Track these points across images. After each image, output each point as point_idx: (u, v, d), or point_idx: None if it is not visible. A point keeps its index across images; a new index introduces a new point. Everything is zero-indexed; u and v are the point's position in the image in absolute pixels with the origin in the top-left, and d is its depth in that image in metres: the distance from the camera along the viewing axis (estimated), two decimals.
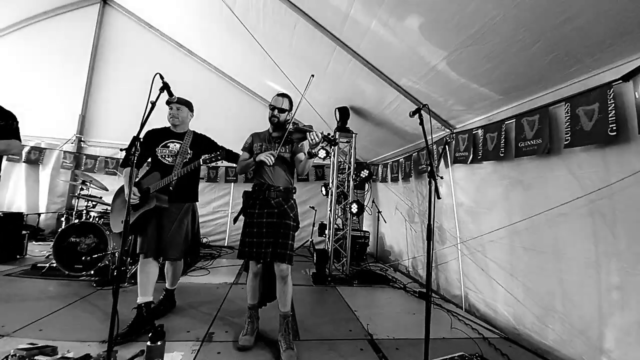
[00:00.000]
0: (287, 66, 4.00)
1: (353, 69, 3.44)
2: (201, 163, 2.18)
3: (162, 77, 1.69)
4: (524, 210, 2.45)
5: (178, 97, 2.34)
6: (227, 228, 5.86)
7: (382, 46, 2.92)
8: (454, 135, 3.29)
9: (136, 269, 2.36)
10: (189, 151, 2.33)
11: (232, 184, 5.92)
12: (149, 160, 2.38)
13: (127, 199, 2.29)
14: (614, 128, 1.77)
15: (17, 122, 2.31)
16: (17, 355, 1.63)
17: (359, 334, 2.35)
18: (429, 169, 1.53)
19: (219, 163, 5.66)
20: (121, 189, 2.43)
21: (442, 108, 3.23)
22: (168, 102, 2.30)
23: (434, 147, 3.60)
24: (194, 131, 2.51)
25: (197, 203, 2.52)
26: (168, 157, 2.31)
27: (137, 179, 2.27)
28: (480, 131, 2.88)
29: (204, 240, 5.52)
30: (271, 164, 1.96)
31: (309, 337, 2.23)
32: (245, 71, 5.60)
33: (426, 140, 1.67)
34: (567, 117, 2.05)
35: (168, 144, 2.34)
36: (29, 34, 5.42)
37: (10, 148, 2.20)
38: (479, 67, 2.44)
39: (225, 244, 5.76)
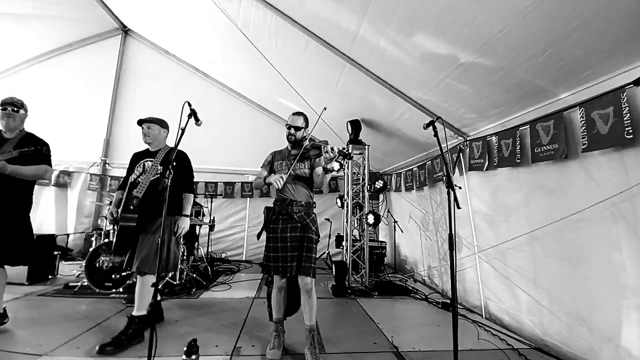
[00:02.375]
0: (300, 84, 4.16)
1: (363, 83, 3.55)
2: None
3: (189, 105, 1.82)
4: (545, 216, 2.43)
5: (148, 117, 2.52)
6: (244, 243, 5.96)
7: (391, 61, 3.02)
8: (467, 142, 3.31)
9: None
10: (159, 167, 2.38)
11: (248, 199, 6.06)
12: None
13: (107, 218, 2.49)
14: (630, 131, 1.78)
15: (48, 150, 2.42)
16: None
17: (384, 346, 2.35)
18: (446, 180, 1.58)
19: (235, 179, 5.92)
20: None
21: (454, 117, 3.28)
22: (139, 122, 2.46)
23: (448, 155, 3.63)
24: (170, 148, 2.53)
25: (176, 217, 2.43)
26: (142, 175, 2.40)
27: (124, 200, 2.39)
28: (494, 138, 2.90)
29: (223, 255, 5.62)
30: (280, 187, 2.02)
31: (334, 350, 2.25)
32: (259, 90, 5.82)
33: (442, 152, 1.72)
34: (583, 122, 2.07)
35: (142, 163, 2.46)
36: (57, 64, 5.83)
37: (39, 173, 2.30)
38: (489, 76, 2.50)
39: (244, 259, 5.84)
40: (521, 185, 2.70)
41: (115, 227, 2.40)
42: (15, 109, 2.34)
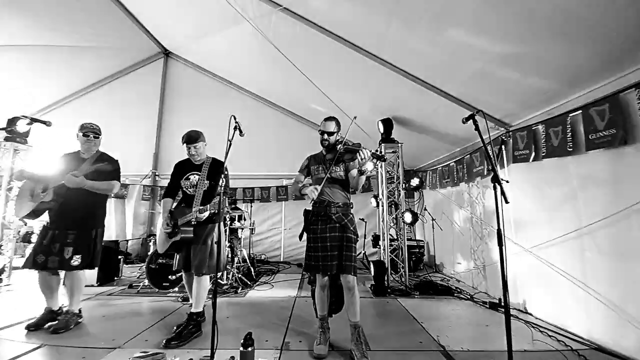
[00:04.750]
0: (330, 88, 4.25)
1: (394, 81, 3.53)
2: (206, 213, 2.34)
3: (235, 118, 1.98)
4: (596, 209, 2.27)
5: (190, 134, 2.56)
6: (281, 245, 6.17)
7: (423, 57, 2.99)
8: (510, 133, 3.15)
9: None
10: (206, 182, 2.54)
11: (283, 202, 6.26)
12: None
13: (162, 227, 2.54)
14: None
15: (118, 166, 2.80)
16: None
17: (430, 345, 2.31)
18: (492, 174, 1.54)
19: (270, 183, 6.17)
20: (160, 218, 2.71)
21: (494, 107, 3.14)
22: (185, 142, 2.56)
23: (491, 147, 3.48)
24: (212, 159, 2.67)
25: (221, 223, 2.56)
26: (190, 188, 2.56)
27: (171, 209, 2.56)
28: (541, 127, 2.73)
29: (262, 256, 5.87)
30: (315, 197, 2.12)
31: (379, 347, 2.26)
32: (290, 97, 6.03)
33: (484, 145, 1.68)
34: None
35: (189, 176, 2.59)
36: (110, 89, 6.51)
37: (110, 187, 2.66)
38: (530, 63, 2.38)
39: (281, 260, 6.04)
40: (569, 177, 2.52)
41: (177, 237, 2.48)
42: (96, 136, 2.72)
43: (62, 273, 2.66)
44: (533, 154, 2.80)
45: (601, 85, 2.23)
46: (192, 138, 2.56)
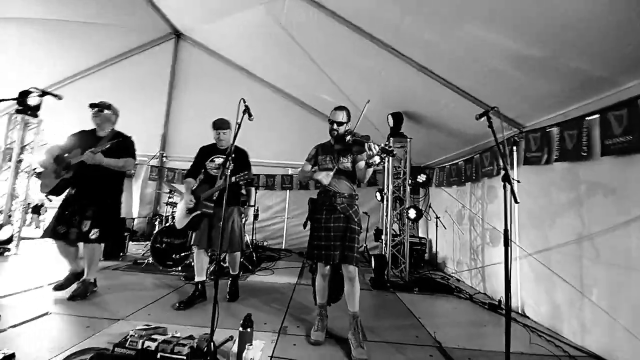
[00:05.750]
0: (341, 78, 4.19)
1: (406, 74, 3.46)
2: (233, 181, 2.54)
3: (244, 102, 1.97)
4: (600, 217, 2.24)
5: (220, 121, 2.83)
6: (284, 232, 6.22)
7: (437, 51, 2.92)
8: (523, 134, 3.08)
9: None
10: (232, 164, 2.72)
11: (288, 191, 6.28)
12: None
13: (185, 204, 2.78)
14: None
15: (133, 143, 2.90)
16: (137, 334, 1.99)
17: (426, 340, 2.33)
18: (503, 174, 1.51)
19: (276, 171, 6.18)
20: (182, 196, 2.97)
21: (507, 106, 3.05)
22: (216, 128, 2.84)
23: (504, 147, 3.44)
24: (235, 146, 2.83)
25: (240, 206, 3.07)
26: (214, 170, 2.83)
27: (193, 188, 2.80)
28: (555, 129, 2.67)
29: (264, 243, 5.94)
30: (327, 183, 2.13)
31: (375, 339, 2.29)
32: (300, 86, 5.94)
33: (497, 144, 1.64)
34: None
35: (214, 159, 2.87)
36: (120, 68, 6.45)
37: (121, 164, 2.74)
38: (547, 63, 2.30)
39: (283, 247, 6.10)
40: (579, 183, 2.48)
41: (198, 211, 2.72)
42: (101, 110, 2.78)
43: (80, 245, 2.77)
44: (545, 156, 2.75)
45: (618, 90, 2.16)
46: (221, 125, 2.85)
